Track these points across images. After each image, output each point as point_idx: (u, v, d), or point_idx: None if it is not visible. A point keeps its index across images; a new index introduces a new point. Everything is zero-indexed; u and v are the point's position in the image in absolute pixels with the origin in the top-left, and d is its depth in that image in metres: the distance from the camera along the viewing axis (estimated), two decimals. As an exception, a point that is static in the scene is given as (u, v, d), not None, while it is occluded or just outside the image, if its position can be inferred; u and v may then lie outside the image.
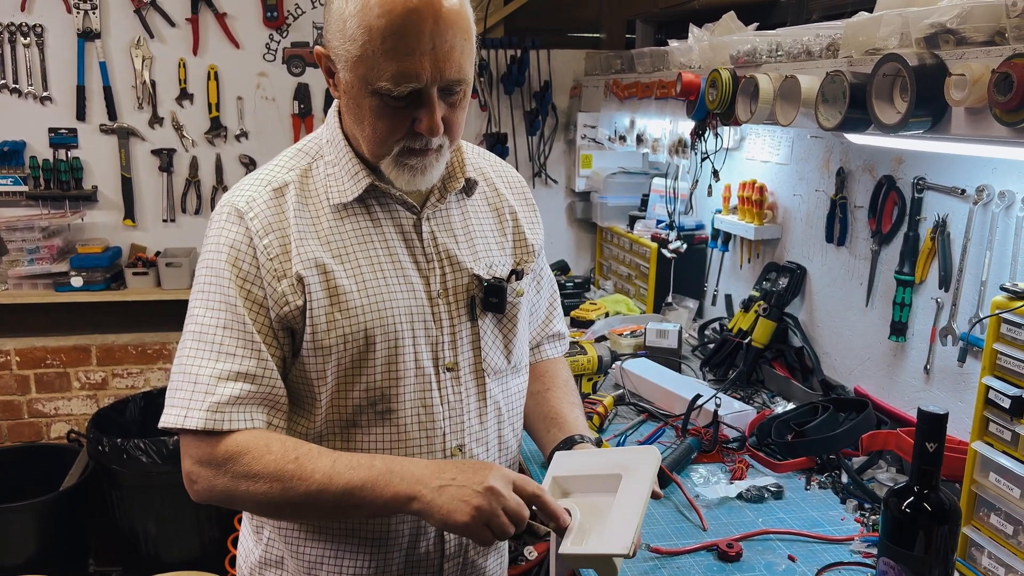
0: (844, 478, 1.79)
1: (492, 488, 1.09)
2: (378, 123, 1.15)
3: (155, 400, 3.32)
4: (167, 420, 1.16)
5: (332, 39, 1.14)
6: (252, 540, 1.37)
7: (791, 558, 1.52)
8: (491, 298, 1.29)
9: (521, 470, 1.56)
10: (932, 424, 1.13)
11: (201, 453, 1.15)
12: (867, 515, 1.66)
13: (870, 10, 1.57)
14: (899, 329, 1.90)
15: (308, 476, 1.12)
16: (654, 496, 1.17)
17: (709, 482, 1.80)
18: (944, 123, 1.34)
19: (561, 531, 1.13)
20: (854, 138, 1.82)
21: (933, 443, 1.13)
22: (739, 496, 1.74)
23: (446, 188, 1.29)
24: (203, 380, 1.15)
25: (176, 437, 2.83)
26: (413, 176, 1.19)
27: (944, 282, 1.77)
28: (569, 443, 1.33)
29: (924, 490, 1.17)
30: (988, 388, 1.40)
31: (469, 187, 1.32)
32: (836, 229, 2.15)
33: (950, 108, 1.32)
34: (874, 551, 1.52)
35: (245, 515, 1.40)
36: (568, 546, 1.12)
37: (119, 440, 2.92)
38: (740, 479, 1.81)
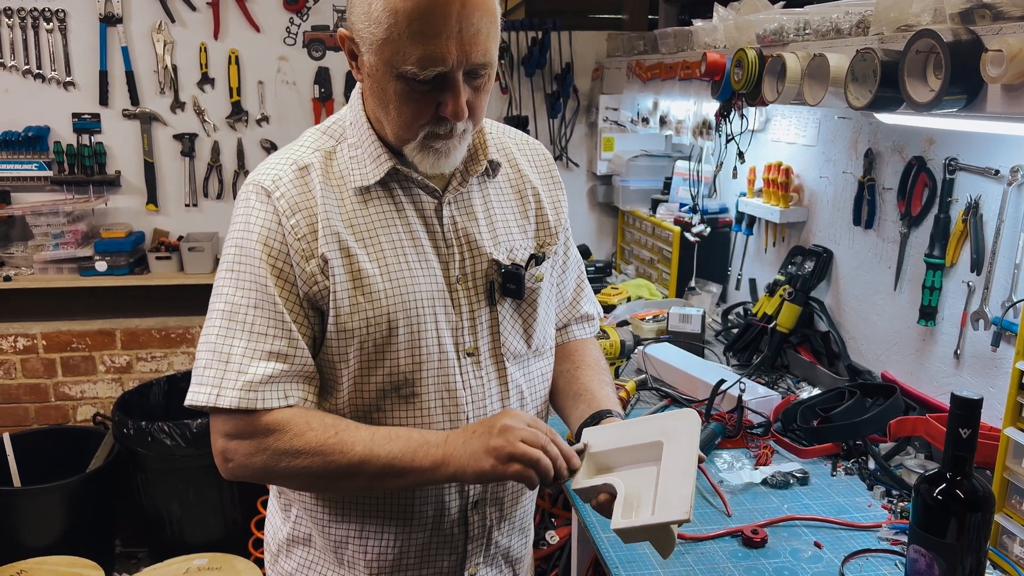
0: (871, 464, 1.76)
1: (504, 426, 1.12)
2: (403, 107, 1.14)
3: (179, 383, 3.35)
4: (196, 398, 1.16)
5: (356, 21, 1.13)
6: (280, 518, 1.38)
7: (817, 544, 1.50)
8: (509, 284, 1.27)
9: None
10: (966, 409, 1.11)
11: (236, 429, 1.15)
12: (895, 502, 1.64)
13: (902, -15, 1.53)
14: (928, 313, 1.87)
15: (349, 449, 1.14)
16: (699, 461, 1.13)
17: (733, 468, 1.78)
18: (979, 101, 1.30)
19: (574, 471, 1.15)
20: (884, 118, 1.78)
21: (967, 429, 1.11)
22: (764, 482, 1.72)
23: (468, 171, 1.27)
24: (235, 359, 1.14)
25: (200, 420, 2.89)
26: (437, 159, 1.18)
27: (976, 265, 1.73)
28: (597, 418, 1.29)
29: (957, 477, 1.15)
30: (1022, 373, 1.37)
31: (492, 168, 1.31)
32: (864, 212, 2.11)
33: (986, 85, 1.28)
34: (902, 538, 1.50)
35: (272, 494, 1.40)
36: (620, 521, 1.07)
37: (143, 423, 2.95)
38: (765, 465, 1.79)
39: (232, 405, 1.13)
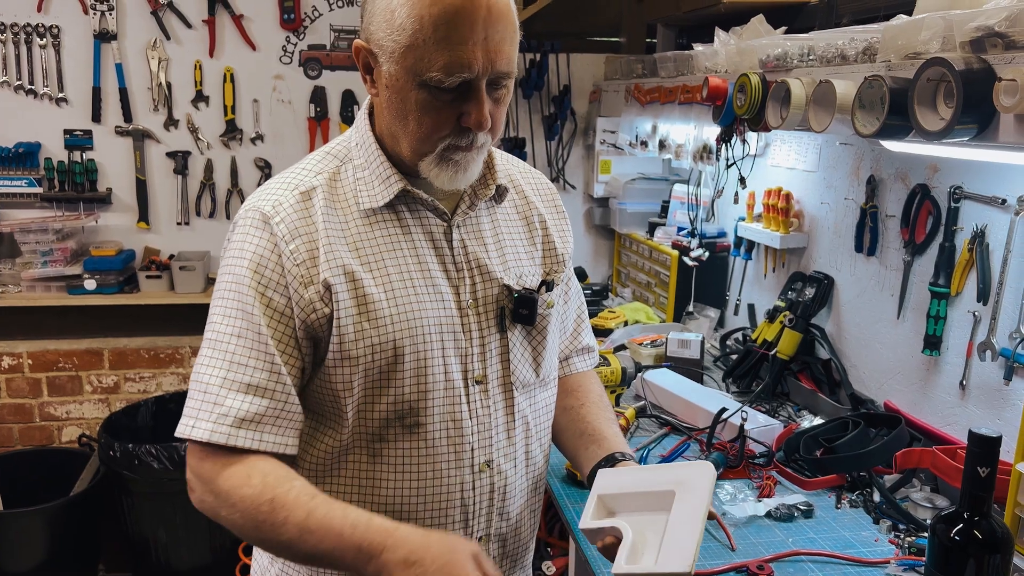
0: (876, 497, 1.72)
1: None
2: (424, 118, 1.11)
3: (167, 405, 3.29)
4: (180, 429, 1.14)
5: (376, 31, 1.10)
6: (268, 557, 1.32)
7: (824, 581, 1.46)
8: (521, 310, 1.24)
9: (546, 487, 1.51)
10: (984, 447, 1.08)
11: (196, 464, 1.13)
12: (902, 536, 1.60)
13: (906, 13, 1.52)
14: (933, 343, 1.84)
15: (280, 525, 1.07)
16: (710, 517, 1.13)
17: (736, 499, 1.74)
18: (991, 130, 1.28)
19: None
20: (891, 145, 1.76)
21: (985, 468, 1.08)
22: (768, 514, 1.68)
23: (476, 195, 1.25)
24: (212, 390, 1.11)
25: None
26: (455, 173, 1.15)
27: (983, 295, 1.71)
28: (611, 461, 1.28)
29: (975, 517, 1.11)
30: (1035, 407, 1.35)
31: (499, 194, 1.28)
32: (866, 239, 2.09)
33: (998, 114, 1.26)
34: (912, 575, 1.46)
35: None
36: (623, 565, 1.07)
37: (130, 446, 2.89)
38: (768, 496, 1.75)
39: (202, 438, 1.10)
